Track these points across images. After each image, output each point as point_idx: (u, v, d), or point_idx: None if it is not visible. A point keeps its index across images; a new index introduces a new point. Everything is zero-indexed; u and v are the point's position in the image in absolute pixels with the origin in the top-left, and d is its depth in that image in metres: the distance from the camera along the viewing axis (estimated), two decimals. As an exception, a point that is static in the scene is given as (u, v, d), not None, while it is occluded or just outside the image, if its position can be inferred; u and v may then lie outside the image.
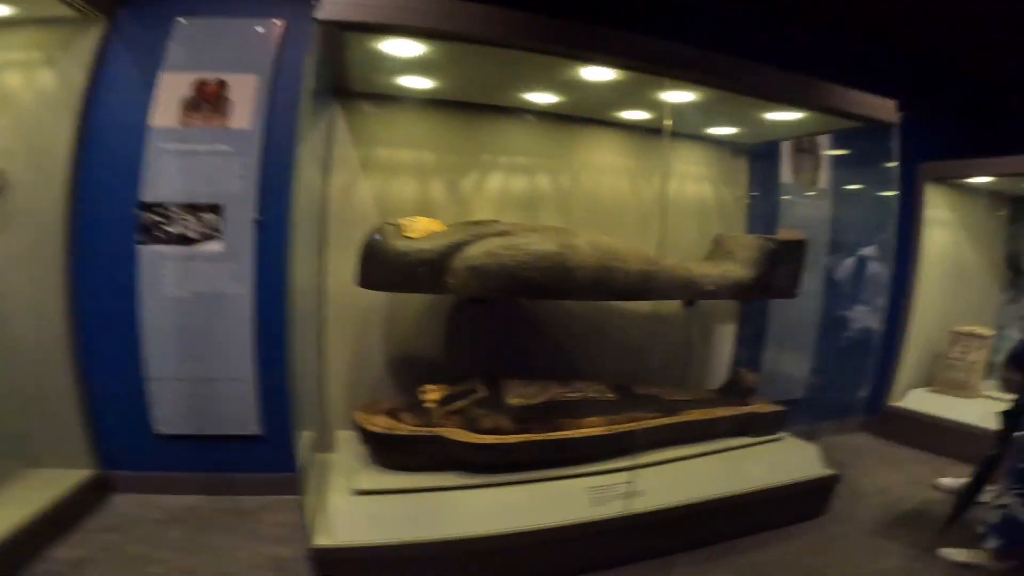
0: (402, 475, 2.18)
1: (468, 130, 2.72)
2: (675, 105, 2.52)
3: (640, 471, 2.39)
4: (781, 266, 2.78)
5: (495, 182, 2.79)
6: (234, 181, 2.46)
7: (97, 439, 2.49)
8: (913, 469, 3.36)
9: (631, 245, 2.50)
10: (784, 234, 2.86)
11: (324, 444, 2.47)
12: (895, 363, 3.93)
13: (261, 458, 2.63)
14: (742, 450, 2.72)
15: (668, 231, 3.11)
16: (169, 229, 2.41)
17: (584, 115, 2.80)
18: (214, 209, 2.45)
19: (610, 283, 2.35)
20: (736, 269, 2.77)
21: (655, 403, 2.63)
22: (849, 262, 3.42)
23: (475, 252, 2.16)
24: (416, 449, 2.19)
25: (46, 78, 2.27)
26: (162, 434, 2.53)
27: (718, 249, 2.96)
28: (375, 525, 1.98)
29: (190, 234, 2.43)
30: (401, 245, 2.15)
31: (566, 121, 2.83)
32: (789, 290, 2.83)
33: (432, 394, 2.35)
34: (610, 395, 2.53)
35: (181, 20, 2.36)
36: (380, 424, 2.22)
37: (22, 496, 2.15)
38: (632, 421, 2.51)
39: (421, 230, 2.25)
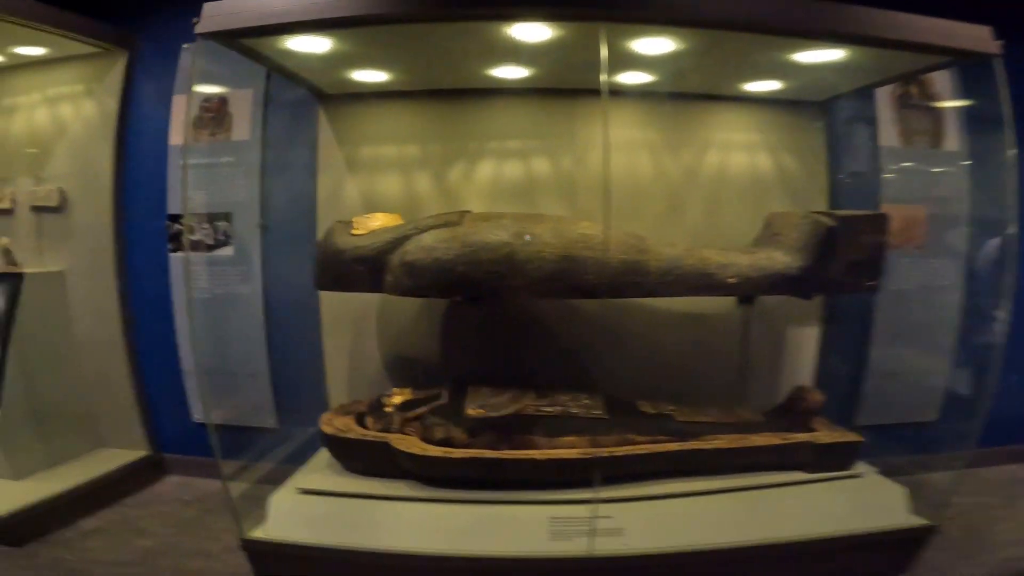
0: (360, 479, 2.10)
1: (451, 118, 2.54)
2: (664, 57, 2.04)
3: (628, 506, 1.99)
4: (847, 251, 2.07)
5: (486, 170, 2.56)
6: (239, 190, 2.64)
7: (152, 425, 2.84)
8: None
9: (623, 231, 2.08)
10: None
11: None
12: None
13: (279, 449, 2.77)
14: (787, 488, 2.10)
15: (711, 214, 2.59)
16: (190, 237, 2.67)
17: (577, 86, 2.41)
18: (226, 217, 2.66)
19: (577, 277, 1.97)
20: (778, 256, 2.14)
21: (663, 425, 2.16)
22: (994, 243, 2.44)
23: (411, 247, 1.99)
24: (367, 455, 2.10)
25: (89, 107, 2.66)
26: (199, 422, 2.82)
27: (765, 231, 2.33)
28: (307, 524, 1.95)
29: (207, 241, 2.68)
30: (340, 243, 2.07)
31: (564, 95, 2.47)
32: (860, 283, 2.10)
33: (394, 398, 2.24)
34: (597, 412, 2.15)
35: (186, 46, 2.60)
36: (337, 426, 2.18)
37: (76, 471, 2.53)
38: (625, 444, 2.10)
39: (375, 227, 2.16)
